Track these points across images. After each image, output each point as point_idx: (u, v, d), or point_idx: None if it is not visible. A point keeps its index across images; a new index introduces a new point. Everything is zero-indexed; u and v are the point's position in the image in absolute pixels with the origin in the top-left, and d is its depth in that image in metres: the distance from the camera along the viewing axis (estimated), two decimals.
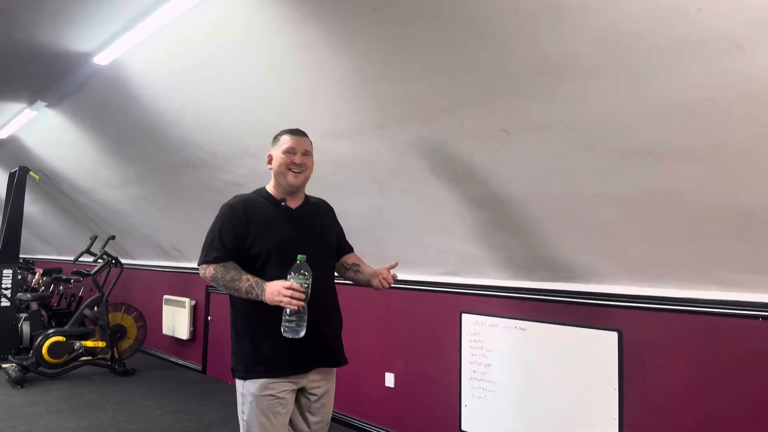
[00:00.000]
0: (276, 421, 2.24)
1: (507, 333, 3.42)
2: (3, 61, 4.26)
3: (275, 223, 2.33)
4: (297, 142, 2.38)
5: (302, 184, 2.39)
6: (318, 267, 2.24)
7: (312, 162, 2.44)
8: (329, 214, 2.58)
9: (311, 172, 2.44)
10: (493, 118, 2.59)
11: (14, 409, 4.83)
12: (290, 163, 2.34)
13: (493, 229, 3.22)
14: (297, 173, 2.35)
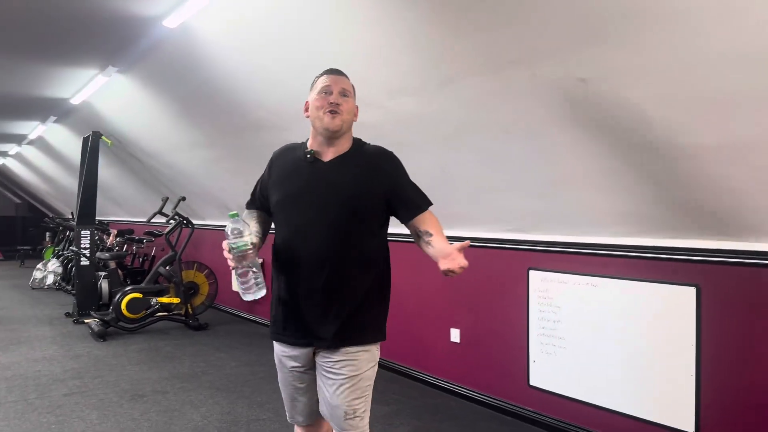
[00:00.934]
0: (283, 384, 2.20)
1: (577, 289, 3.39)
2: (76, 29, 4.40)
3: (291, 175, 2.08)
4: (333, 81, 2.05)
5: (339, 128, 2.01)
6: (324, 229, 1.98)
7: (352, 105, 2.07)
8: (379, 168, 2.07)
9: (353, 117, 2.09)
10: (568, 68, 2.51)
11: (99, 360, 5.15)
12: (325, 104, 2.00)
13: (563, 184, 3.17)
14: (333, 114, 1.99)
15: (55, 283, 9.85)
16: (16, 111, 7.94)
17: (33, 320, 7.03)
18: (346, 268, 2.01)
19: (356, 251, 2.02)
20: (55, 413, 3.79)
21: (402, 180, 2.10)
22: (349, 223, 2.00)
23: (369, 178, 2.03)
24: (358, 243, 2.02)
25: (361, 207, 2.01)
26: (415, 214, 2.07)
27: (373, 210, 2.04)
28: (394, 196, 2.06)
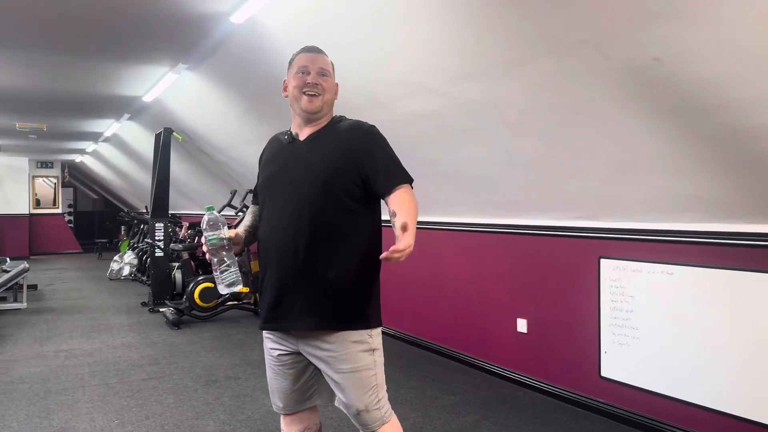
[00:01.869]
0: (269, 372, 2.12)
1: (652, 278, 3.27)
2: (148, 29, 4.56)
3: (272, 159, 2.08)
4: (311, 60, 1.98)
5: (319, 109, 1.96)
6: (293, 217, 1.92)
7: (331, 84, 1.99)
8: (350, 141, 1.96)
9: (333, 96, 2.01)
10: (640, 47, 2.42)
11: (174, 347, 5.36)
12: (303, 85, 1.94)
13: (635, 169, 3.05)
14: (312, 96, 1.94)
15: (130, 274, 10.31)
16: (93, 110, 8.33)
17: (111, 309, 7.38)
18: (320, 248, 1.90)
19: (329, 230, 1.91)
20: (134, 397, 3.97)
21: (374, 153, 1.94)
22: (320, 200, 1.91)
23: (340, 153, 1.93)
24: (331, 221, 1.91)
25: (332, 183, 1.91)
26: (387, 190, 1.92)
27: (345, 186, 1.92)
28: (367, 170, 1.93)
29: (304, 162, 1.96)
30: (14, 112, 8.38)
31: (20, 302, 7.42)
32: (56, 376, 4.47)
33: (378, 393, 1.97)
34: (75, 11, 4.18)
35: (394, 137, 4.32)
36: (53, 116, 8.84)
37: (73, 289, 9.13)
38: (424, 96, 3.70)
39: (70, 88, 6.82)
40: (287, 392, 2.07)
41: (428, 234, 5.16)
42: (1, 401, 3.89)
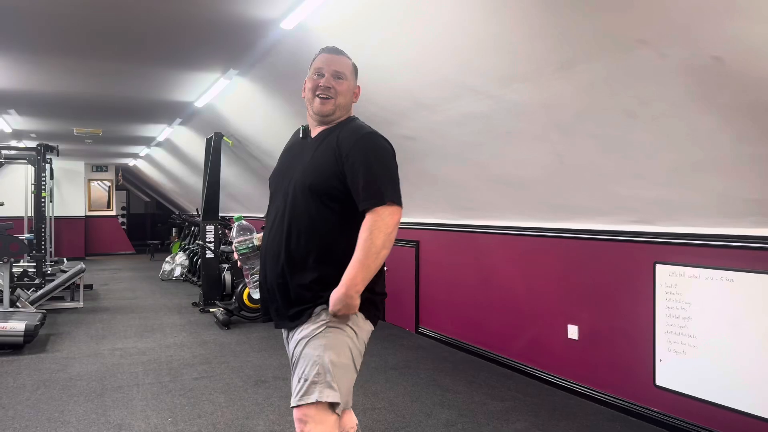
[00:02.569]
0: None
1: (710, 284, 3.16)
2: (200, 36, 4.68)
3: (286, 153, 2.12)
4: (326, 61, 1.98)
5: (331, 112, 1.96)
6: (280, 215, 1.95)
7: (345, 87, 1.98)
8: (340, 145, 1.91)
9: (347, 100, 2.00)
10: (700, 46, 2.34)
11: (225, 347, 5.46)
12: (316, 87, 1.96)
13: (693, 172, 2.96)
14: (324, 99, 1.95)
15: (182, 275, 10.57)
16: (146, 115, 8.58)
17: (164, 309, 7.58)
18: (302, 244, 1.90)
19: (311, 227, 1.90)
20: (186, 395, 4.06)
21: (358, 165, 1.86)
22: (304, 196, 1.91)
23: (331, 159, 1.91)
24: (313, 219, 1.90)
25: (316, 188, 1.90)
26: (363, 209, 1.85)
27: (327, 186, 1.89)
28: (349, 181, 1.88)
29: (303, 162, 1.97)
30: (73, 117, 8.71)
31: (77, 301, 7.69)
32: (112, 373, 4.61)
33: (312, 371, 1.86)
34: (132, 21, 4.31)
35: (440, 139, 4.34)
36: (109, 122, 9.14)
37: (127, 289, 9.41)
38: (472, 98, 3.67)
39: (126, 95, 7.05)
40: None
41: (476, 237, 5.12)
42: (60, 397, 4.04)
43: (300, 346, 1.89)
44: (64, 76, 6.08)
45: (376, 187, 1.83)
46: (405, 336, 5.83)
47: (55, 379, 4.45)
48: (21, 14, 4.18)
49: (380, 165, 1.88)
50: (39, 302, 7.00)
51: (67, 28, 4.51)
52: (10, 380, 4.41)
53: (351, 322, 1.91)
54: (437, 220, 5.63)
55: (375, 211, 1.82)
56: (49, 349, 5.40)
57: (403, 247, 6.03)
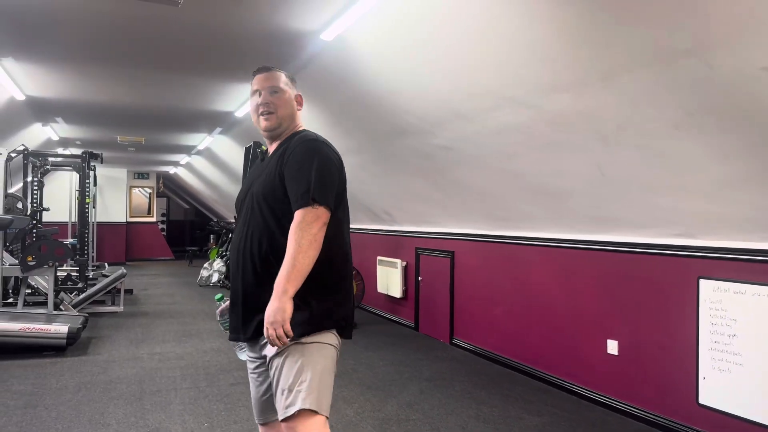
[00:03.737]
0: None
1: (757, 301, 3.06)
2: (242, 47, 4.76)
3: (249, 174, 2.21)
4: (260, 80, 2.07)
5: (276, 126, 2.04)
6: (244, 229, 2.02)
7: (284, 99, 2.05)
8: (284, 154, 1.98)
9: (288, 111, 2.07)
10: (748, 57, 2.28)
11: None
12: (257, 107, 2.05)
13: (739, 185, 2.88)
14: (266, 115, 2.03)
15: (219, 281, 10.71)
16: (188, 124, 8.76)
17: (201, 314, 7.69)
18: (258, 267, 1.95)
19: (274, 242, 1.93)
20: (223, 401, 4.11)
21: (290, 168, 1.93)
22: (260, 219, 1.97)
23: (277, 170, 1.97)
24: (274, 233, 1.94)
25: (269, 201, 1.96)
26: (294, 208, 1.89)
27: (280, 204, 1.95)
28: (286, 182, 1.95)
29: (262, 177, 2.03)
30: (116, 126, 8.94)
31: (117, 306, 7.87)
32: (150, 377, 4.69)
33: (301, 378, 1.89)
34: (176, 33, 4.42)
35: (477, 149, 4.32)
36: (151, 130, 9.36)
37: (166, 294, 9.59)
38: (511, 108, 3.65)
39: (168, 104, 7.21)
40: (256, 400, 2.12)
41: (514, 249, 5.07)
42: (100, 399, 4.12)
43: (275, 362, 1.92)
44: (109, 85, 6.25)
45: (305, 189, 1.88)
46: (439, 347, 5.79)
47: (96, 381, 4.56)
48: (68, 25, 4.33)
49: (312, 168, 1.91)
50: (81, 305, 7.18)
51: (113, 39, 4.65)
52: (53, 381, 4.53)
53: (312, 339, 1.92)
54: (473, 230, 5.59)
55: (301, 211, 1.87)
56: (91, 351, 5.53)
57: (438, 258, 6.00)
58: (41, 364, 5.01)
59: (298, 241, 1.82)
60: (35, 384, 4.45)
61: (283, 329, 1.78)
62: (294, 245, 1.82)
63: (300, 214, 1.86)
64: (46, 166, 8.55)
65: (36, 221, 7.65)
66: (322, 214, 1.88)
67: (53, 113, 7.84)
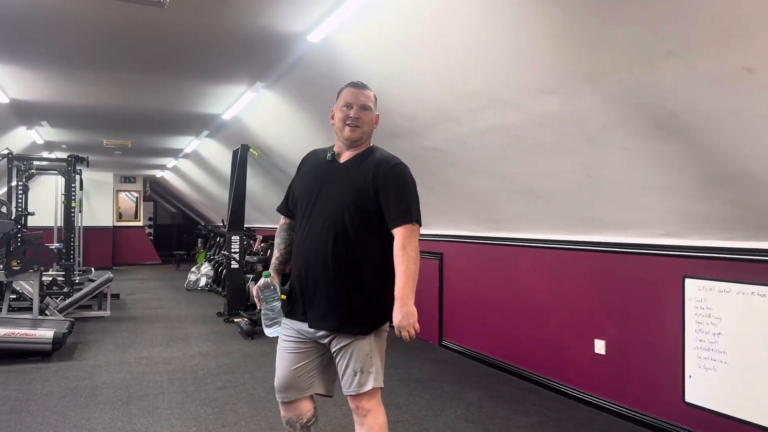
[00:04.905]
0: (277, 358, 2.44)
1: (741, 299, 3.09)
2: (228, 49, 4.75)
3: (313, 173, 2.40)
4: (354, 96, 2.33)
5: (359, 138, 2.32)
6: (324, 229, 2.27)
7: (370, 117, 2.34)
8: (377, 171, 2.28)
9: (371, 128, 2.36)
10: (732, 57, 2.31)
11: (249, 357, 5.48)
12: (346, 117, 2.31)
13: (723, 185, 2.91)
14: (353, 128, 2.30)
15: (207, 285, 10.67)
16: (175, 127, 8.72)
17: (189, 319, 7.64)
18: (344, 260, 2.25)
19: (354, 245, 2.25)
20: (210, 405, 4.08)
21: (389, 188, 2.27)
22: (348, 218, 2.25)
23: (369, 181, 2.27)
24: (356, 237, 2.25)
25: (359, 205, 2.26)
26: (391, 225, 2.26)
27: (368, 209, 2.26)
28: (381, 201, 2.27)
29: (340, 183, 2.31)
30: (102, 129, 8.89)
31: (104, 310, 7.80)
32: (138, 382, 4.65)
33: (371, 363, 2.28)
34: (162, 35, 4.40)
35: (466, 151, 4.33)
36: (138, 134, 9.31)
37: (153, 299, 9.52)
38: (499, 110, 3.67)
39: (155, 107, 7.17)
40: (286, 377, 2.38)
41: (501, 249, 5.09)
42: (87, 404, 4.08)
43: (349, 346, 2.28)
44: (94, 88, 6.21)
45: (404, 208, 2.25)
46: (428, 349, 5.80)
47: (82, 386, 4.51)
48: (53, 28, 4.30)
49: (408, 191, 2.30)
50: (67, 310, 7.11)
51: (98, 42, 4.62)
52: (39, 387, 4.48)
53: (378, 330, 2.33)
54: (462, 232, 5.60)
55: (405, 227, 2.23)
56: (77, 356, 5.48)
57: (427, 259, 6.01)
58: (26, 370, 4.96)
59: (410, 254, 2.19)
60: (20, 389, 4.40)
61: (414, 328, 2.15)
62: (406, 258, 2.18)
63: (407, 230, 2.23)
64: (31, 170, 8.45)
65: (21, 226, 7.57)
66: (418, 230, 2.27)
67: (38, 116, 7.78)
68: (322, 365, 2.39)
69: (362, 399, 2.29)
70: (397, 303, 2.16)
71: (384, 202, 2.26)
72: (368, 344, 2.28)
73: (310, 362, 2.37)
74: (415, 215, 2.26)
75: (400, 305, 2.15)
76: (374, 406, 2.29)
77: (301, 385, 2.38)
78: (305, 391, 2.38)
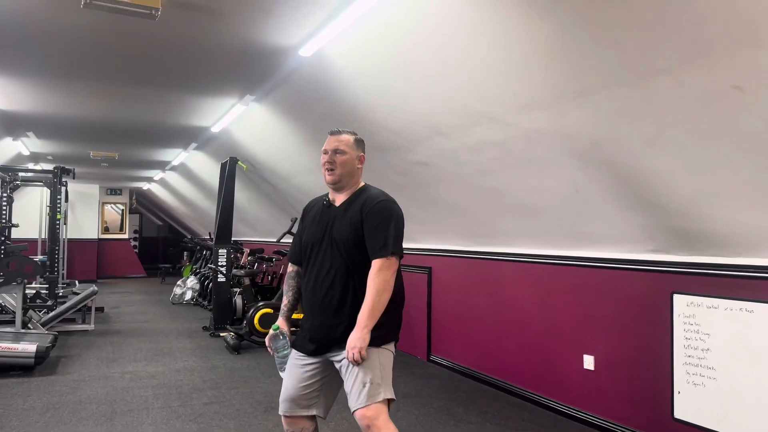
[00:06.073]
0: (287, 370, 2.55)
1: (729, 315, 3.11)
2: (219, 62, 4.74)
3: (314, 221, 2.57)
4: (329, 143, 2.51)
5: (338, 181, 2.49)
6: (322, 268, 2.45)
7: (344, 159, 2.48)
8: (363, 208, 2.46)
9: (350, 168, 2.50)
10: (720, 75, 2.34)
11: (235, 372, 5.42)
12: (324, 163, 2.50)
13: (712, 201, 2.93)
14: (329, 171, 2.48)
15: (192, 299, 10.56)
16: (163, 140, 8.68)
17: (174, 333, 7.56)
18: (349, 295, 2.40)
19: (356, 281, 2.40)
20: (196, 421, 4.02)
21: (370, 224, 2.41)
22: (349, 257, 2.41)
23: (359, 220, 2.43)
24: (356, 273, 2.41)
25: (357, 244, 2.41)
26: (373, 257, 2.39)
27: (362, 243, 2.41)
28: (364, 234, 2.42)
29: (338, 225, 2.47)
30: (89, 141, 8.82)
31: (88, 324, 7.69)
32: (122, 397, 4.58)
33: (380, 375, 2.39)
34: (151, 47, 4.39)
35: (455, 166, 4.35)
36: (125, 145, 9.25)
37: (138, 312, 9.41)
38: (489, 125, 3.69)
39: (143, 119, 7.14)
40: (293, 392, 2.47)
41: (490, 264, 5.09)
42: (69, 420, 4.01)
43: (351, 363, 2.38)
44: (82, 99, 6.17)
45: (381, 242, 2.38)
46: (416, 364, 5.77)
47: (64, 401, 4.43)
48: (41, 38, 4.27)
49: (388, 226, 2.42)
50: (50, 324, 7.00)
51: (86, 53, 4.60)
52: (20, 402, 4.39)
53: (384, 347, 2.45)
54: (450, 246, 5.60)
55: (380, 260, 2.36)
56: (60, 371, 5.39)
57: (415, 273, 6.00)
58: (7, 384, 4.86)
59: (377, 286, 2.32)
60: (1, 405, 4.31)
61: (360, 354, 2.28)
62: (373, 290, 2.32)
63: (380, 263, 2.35)
64: (16, 181, 8.36)
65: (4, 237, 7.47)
66: (394, 263, 2.39)
67: (24, 127, 7.71)
68: (326, 384, 2.50)
69: (370, 411, 2.34)
70: (357, 326, 2.30)
71: (366, 236, 2.41)
72: (377, 358, 2.37)
73: (317, 381, 2.48)
74: (390, 249, 2.37)
75: (359, 328, 2.29)
76: (383, 423, 2.33)
77: (303, 402, 2.48)
78: (307, 409, 2.49)
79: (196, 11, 3.68)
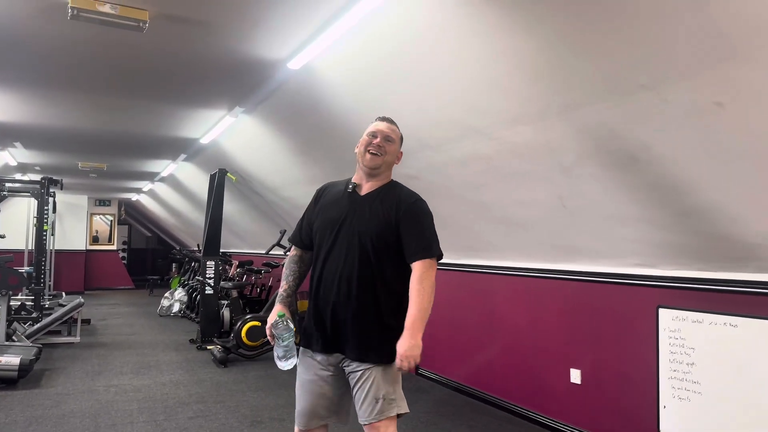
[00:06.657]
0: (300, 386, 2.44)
1: (714, 330, 3.12)
2: (208, 74, 4.75)
3: (332, 204, 2.43)
4: (381, 127, 2.42)
5: (379, 166, 2.38)
6: (347, 258, 2.31)
7: (394, 150, 2.42)
8: (399, 206, 2.35)
9: (392, 159, 2.42)
10: (704, 91, 2.37)
11: (221, 386, 5.37)
12: (369, 144, 2.38)
13: (697, 215, 2.96)
14: (373, 154, 2.37)
15: (180, 311, 10.48)
16: (152, 151, 8.65)
17: (161, 345, 7.49)
18: (367, 290, 2.29)
19: (376, 276, 2.29)
20: None
21: (410, 223, 2.32)
22: (371, 249, 2.29)
23: (391, 215, 2.32)
24: (378, 268, 2.30)
25: (381, 237, 2.30)
26: (409, 259, 2.31)
27: (391, 241, 2.31)
28: (401, 234, 2.32)
29: (362, 215, 2.35)
30: (78, 152, 8.78)
31: (74, 336, 7.61)
32: (106, 411, 4.52)
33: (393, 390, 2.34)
34: (141, 59, 4.39)
35: (443, 179, 4.36)
36: (114, 156, 9.21)
37: (125, 325, 9.33)
38: (476, 139, 3.70)
39: (132, 130, 7.12)
40: (310, 405, 2.39)
41: (477, 277, 5.09)
42: None
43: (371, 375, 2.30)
44: (70, 110, 6.15)
45: (423, 243, 2.30)
46: (404, 377, 5.71)
47: (48, 415, 4.38)
48: (28, 49, 4.26)
49: (430, 227, 2.36)
50: (35, 336, 6.92)
51: (76, 64, 4.59)
52: (2, 416, 4.33)
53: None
54: None
55: (424, 261, 2.27)
56: (44, 384, 5.32)
57: None
58: None
59: (426, 288, 2.24)
60: None
61: (414, 361, 2.20)
62: (422, 292, 2.23)
63: (425, 265, 2.27)
64: (2, 192, 8.31)
65: None
66: (436, 264, 2.31)
67: (12, 138, 7.66)
68: (339, 393, 2.41)
69: (382, 426, 2.30)
70: (406, 332, 2.20)
71: (405, 236, 2.31)
72: (391, 372, 2.32)
73: (330, 392, 2.39)
74: (435, 250, 2.31)
75: (409, 335, 2.19)
76: None
77: (322, 413, 2.41)
78: (325, 419, 2.42)
79: (184, 24, 3.69)
